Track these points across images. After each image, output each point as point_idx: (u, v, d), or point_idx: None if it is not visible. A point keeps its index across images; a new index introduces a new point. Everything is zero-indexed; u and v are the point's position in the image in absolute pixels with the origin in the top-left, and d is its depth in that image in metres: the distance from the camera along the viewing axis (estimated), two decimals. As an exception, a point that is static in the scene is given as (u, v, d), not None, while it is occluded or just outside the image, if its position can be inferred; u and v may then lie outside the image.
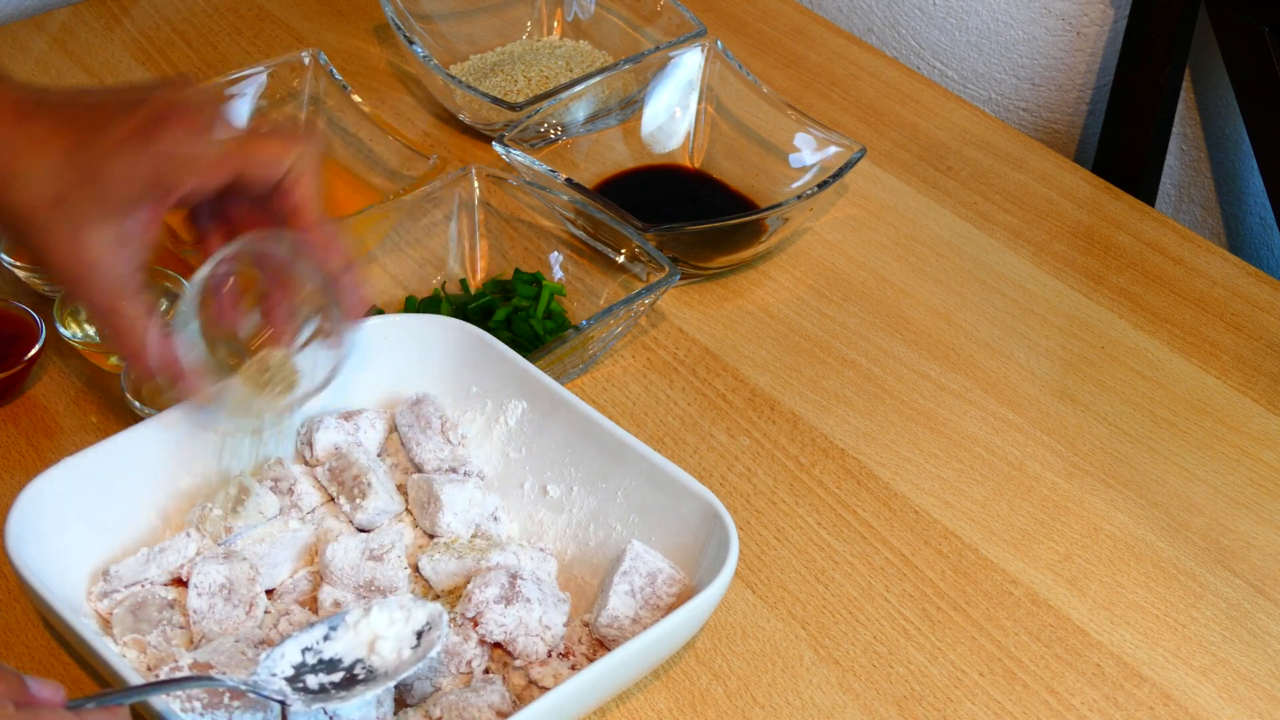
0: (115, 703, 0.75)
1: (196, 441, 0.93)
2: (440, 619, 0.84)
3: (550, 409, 0.95)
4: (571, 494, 0.94)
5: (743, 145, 1.26)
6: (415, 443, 0.96)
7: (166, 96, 0.84)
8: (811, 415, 1.08)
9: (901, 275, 1.20)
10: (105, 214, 0.82)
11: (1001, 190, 1.29)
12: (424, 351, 0.99)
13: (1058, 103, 1.49)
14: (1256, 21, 1.28)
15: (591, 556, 0.92)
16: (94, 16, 1.44)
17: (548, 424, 0.95)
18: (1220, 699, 0.91)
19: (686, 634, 0.88)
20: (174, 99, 0.84)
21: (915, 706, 0.89)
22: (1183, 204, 1.48)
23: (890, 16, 1.58)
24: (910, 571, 0.97)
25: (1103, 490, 1.03)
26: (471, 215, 1.14)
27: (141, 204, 0.82)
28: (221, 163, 0.84)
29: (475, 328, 0.98)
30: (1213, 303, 1.19)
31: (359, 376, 0.98)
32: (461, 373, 0.98)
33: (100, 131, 0.82)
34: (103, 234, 0.82)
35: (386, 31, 1.42)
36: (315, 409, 0.97)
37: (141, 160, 0.82)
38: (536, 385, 0.96)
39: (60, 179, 0.81)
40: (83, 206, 0.82)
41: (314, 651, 0.82)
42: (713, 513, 0.88)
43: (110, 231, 0.82)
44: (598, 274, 1.12)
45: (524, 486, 0.96)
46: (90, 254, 0.82)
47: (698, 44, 1.28)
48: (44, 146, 0.82)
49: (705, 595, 0.84)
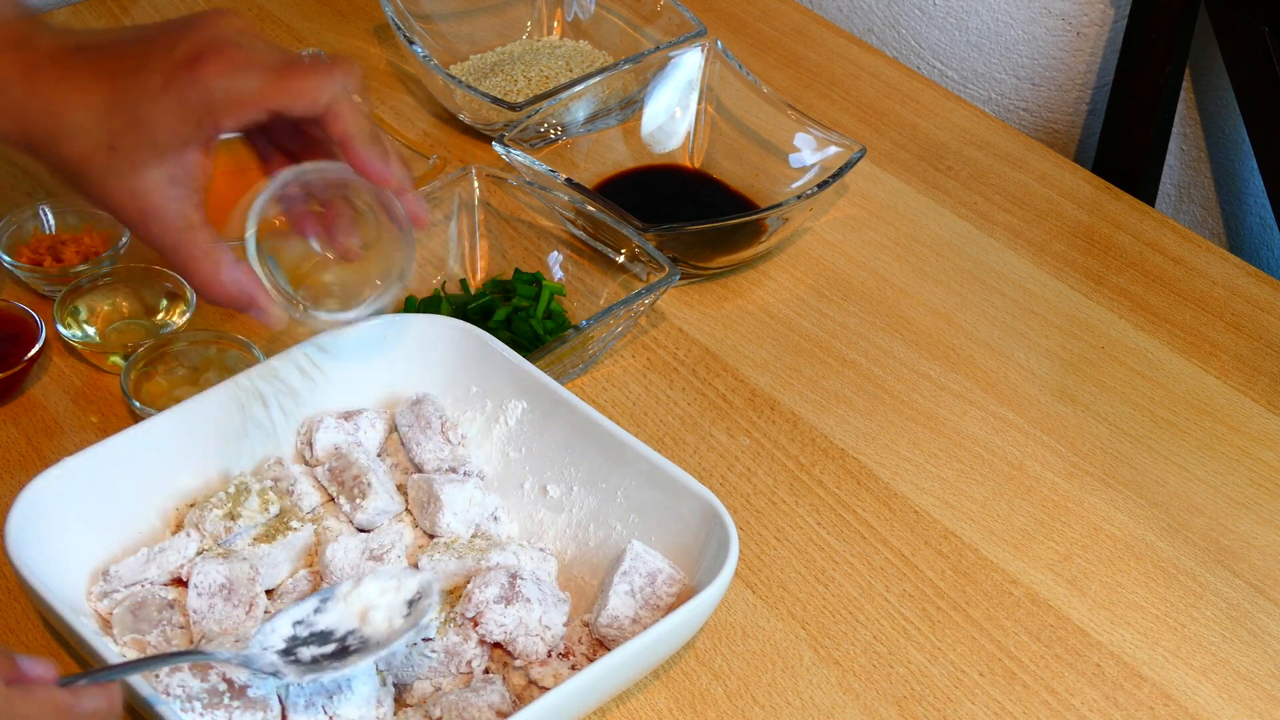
0: (107, 678, 0.75)
1: (197, 441, 0.93)
2: (431, 588, 0.84)
3: (550, 409, 0.95)
4: (571, 494, 0.94)
5: (742, 145, 1.26)
6: (415, 443, 0.96)
7: (203, 33, 0.85)
8: (811, 415, 1.08)
9: (901, 275, 1.20)
10: (156, 158, 0.85)
11: (1001, 190, 1.29)
12: (424, 351, 0.99)
13: (1058, 103, 1.49)
14: (1256, 21, 1.28)
15: (591, 556, 0.92)
16: (94, 16, 1.43)
17: (548, 424, 0.95)
18: (1220, 699, 0.91)
19: (686, 634, 0.88)
20: (209, 36, 0.85)
21: (915, 706, 0.89)
22: (1183, 204, 1.48)
23: (890, 16, 1.58)
24: (910, 571, 0.97)
25: (1103, 490, 1.03)
26: (471, 215, 1.14)
27: (189, 145, 0.85)
28: (260, 101, 0.85)
29: (475, 328, 0.98)
30: (1213, 303, 1.19)
31: (359, 376, 0.98)
32: (461, 373, 0.98)
33: (140, 75, 0.84)
34: (157, 177, 0.85)
35: (386, 31, 1.42)
36: (314, 409, 0.97)
37: (184, 102, 0.84)
38: (537, 385, 0.96)
39: (108, 127, 0.84)
40: (135, 153, 0.84)
41: (306, 624, 0.82)
42: (713, 513, 0.88)
43: (163, 174, 0.85)
44: (598, 274, 1.12)
45: (524, 486, 0.96)
46: (149, 199, 0.85)
47: (698, 44, 1.28)
48: (89, 96, 0.84)
49: (705, 595, 0.84)
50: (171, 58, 0.84)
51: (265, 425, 0.95)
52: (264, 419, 0.95)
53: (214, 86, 0.84)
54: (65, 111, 0.84)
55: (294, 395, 0.96)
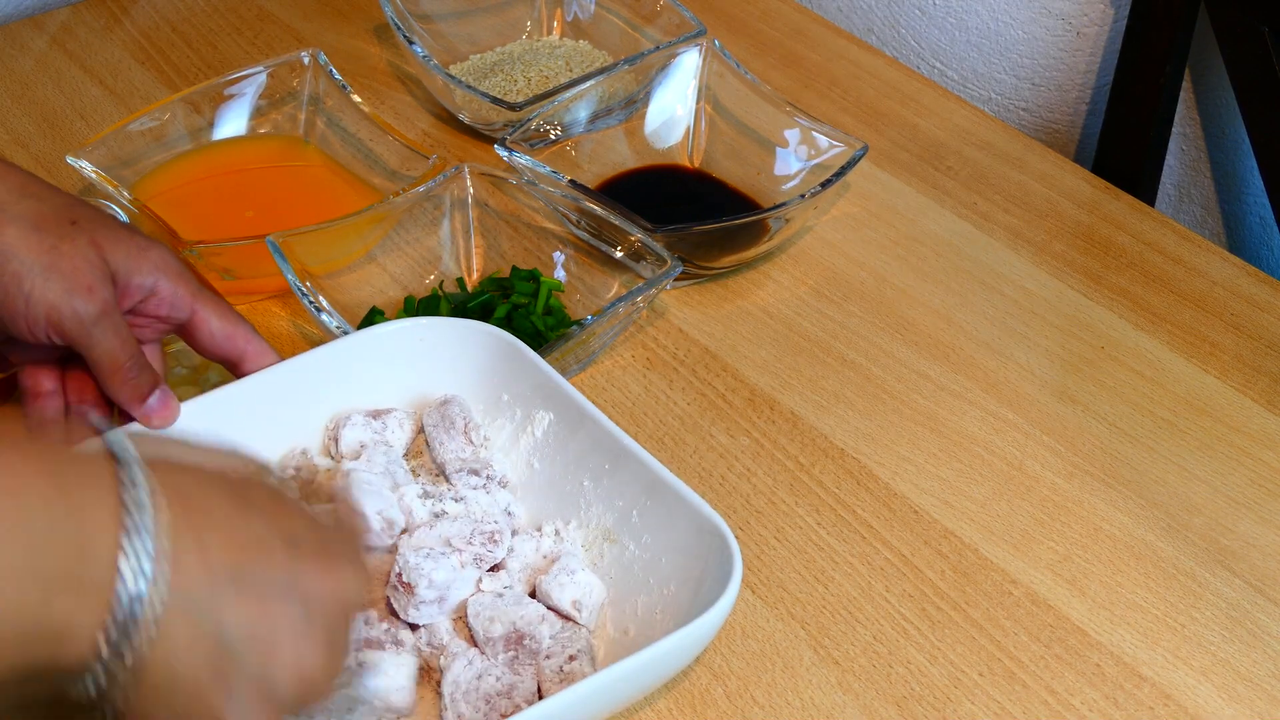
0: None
1: (222, 431, 0.92)
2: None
3: (576, 423, 0.94)
4: (590, 509, 0.93)
5: (742, 144, 1.26)
6: (439, 442, 0.96)
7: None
8: (811, 415, 1.08)
9: (901, 275, 1.20)
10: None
11: (1001, 190, 1.29)
12: (457, 356, 0.98)
13: (1058, 103, 1.49)
14: (1256, 21, 1.28)
15: (603, 575, 0.91)
16: (94, 16, 1.44)
17: (572, 438, 0.94)
18: (1220, 699, 0.91)
19: (680, 662, 0.86)
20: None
21: (915, 706, 0.89)
22: (1183, 204, 1.48)
23: (890, 16, 1.58)
24: (910, 571, 0.97)
25: (1103, 490, 1.03)
26: (465, 214, 1.14)
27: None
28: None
29: (509, 335, 0.97)
30: (1213, 303, 1.19)
31: (391, 376, 0.97)
32: (493, 379, 0.97)
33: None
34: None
35: (386, 31, 1.42)
36: (344, 406, 0.96)
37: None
38: (564, 398, 0.94)
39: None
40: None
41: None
42: (722, 542, 0.84)
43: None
44: (596, 269, 1.12)
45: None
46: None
47: (696, 43, 1.28)
48: None
49: (705, 619, 0.81)
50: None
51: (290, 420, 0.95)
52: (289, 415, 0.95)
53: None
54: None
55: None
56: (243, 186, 1.23)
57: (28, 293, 0.84)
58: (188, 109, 1.23)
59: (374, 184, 1.21)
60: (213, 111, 1.24)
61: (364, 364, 0.97)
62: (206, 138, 1.24)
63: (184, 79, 1.36)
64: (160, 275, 0.89)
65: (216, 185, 1.22)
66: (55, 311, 0.84)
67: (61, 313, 0.84)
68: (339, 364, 0.96)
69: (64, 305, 0.84)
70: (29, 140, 1.29)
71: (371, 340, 0.97)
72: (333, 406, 0.97)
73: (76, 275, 0.85)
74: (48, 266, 0.84)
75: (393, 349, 0.97)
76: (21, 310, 0.84)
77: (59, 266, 0.84)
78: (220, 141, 1.25)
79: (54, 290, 0.84)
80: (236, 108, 1.25)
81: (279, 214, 1.17)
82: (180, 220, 1.12)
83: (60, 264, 0.84)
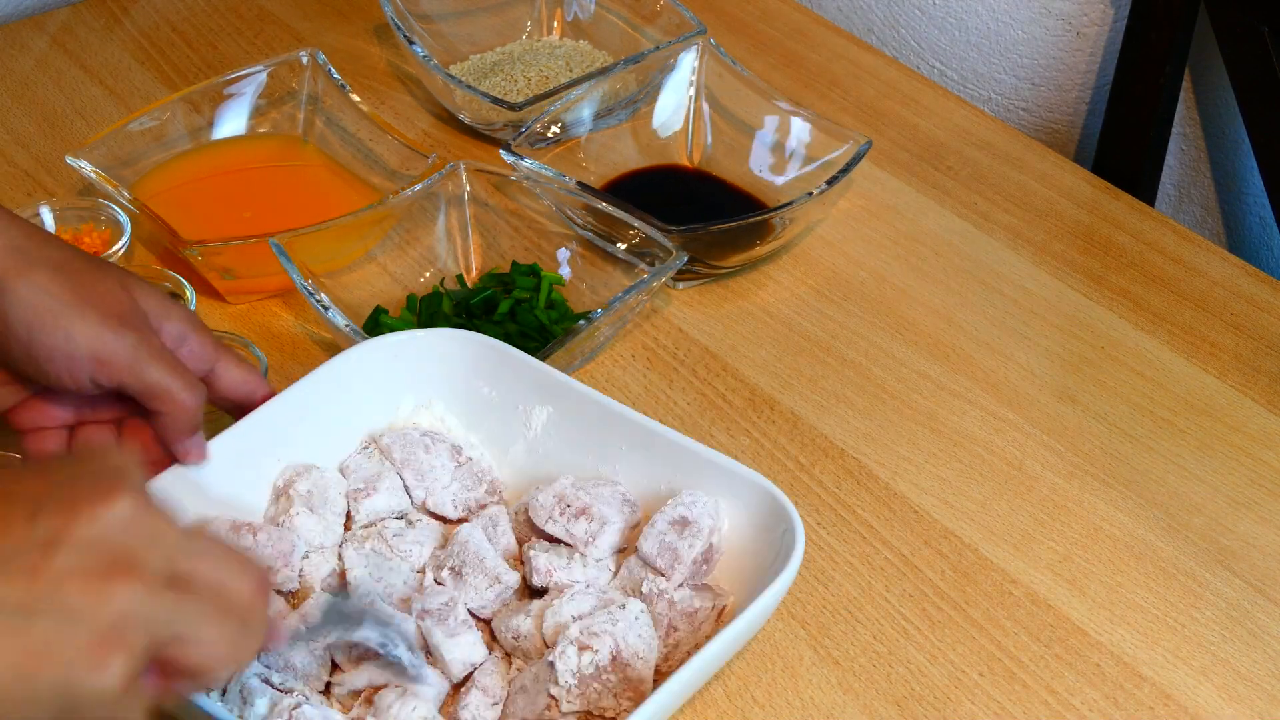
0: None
1: None
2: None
3: (577, 409, 0.94)
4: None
5: (743, 142, 1.26)
6: (429, 492, 0.95)
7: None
8: (811, 415, 1.08)
9: (901, 275, 1.20)
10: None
11: (1001, 190, 1.29)
12: (438, 365, 0.97)
13: (1058, 103, 1.49)
14: (1256, 21, 1.28)
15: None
16: (94, 16, 1.44)
17: (574, 424, 0.94)
18: (1220, 699, 0.91)
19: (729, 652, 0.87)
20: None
21: (915, 706, 0.89)
22: (1183, 204, 1.48)
23: (890, 16, 1.58)
24: (910, 571, 0.97)
25: (1103, 490, 1.03)
26: (462, 211, 1.14)
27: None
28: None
29: (492, 339, 0.96)
30: (1213, 303, 1.19)
31: (372, 394, 0.96)
32: (475, 381, 0.97)
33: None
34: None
35: (386, 31, 1.42)
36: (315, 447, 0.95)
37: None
38: (560, 388, 0.94)
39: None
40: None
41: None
42: (772, 497, 0.88)
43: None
44: (597, 264, 1.12)
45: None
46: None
47: (694, 43, 1.28)
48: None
49: (771, 591, 0.83)
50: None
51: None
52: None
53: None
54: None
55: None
56: (242, 186, 1.23)
57: (67, 328, 0.81)
58: (187, 109, 1.23)
59: (373, 183, 1.21)
60: (212, 111, 1.24)
61: (346, 387, 0.95)
62: (206, 137, 1.24)
63: (184, 79, 1.36)
64: (188, 325, 0.88)
65: (216, 185, 1.22)
66: (99, 342, 0.81)
67: (106, 342, 0.82)
68: (313, 398, 0.94)
69: (108, 334, 0.82)
70: (29, 140, 1.29)
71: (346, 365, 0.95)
72: (309, 443, 0.94)
73: (114, 307, 0.83)
74: (83, 301, 0.82)
75: (371, 368, 0.95)
76: (62, 347, 0.81)
77: (94, 302, 0.82)
78: (220, 141, 1.25)
79: (93, 323, 0.82)
80: (236, 107, 1.25)
81: (278, 214, 1.17)
82: (180, 220, 1.12)
83: (95, 300, 0.82)
